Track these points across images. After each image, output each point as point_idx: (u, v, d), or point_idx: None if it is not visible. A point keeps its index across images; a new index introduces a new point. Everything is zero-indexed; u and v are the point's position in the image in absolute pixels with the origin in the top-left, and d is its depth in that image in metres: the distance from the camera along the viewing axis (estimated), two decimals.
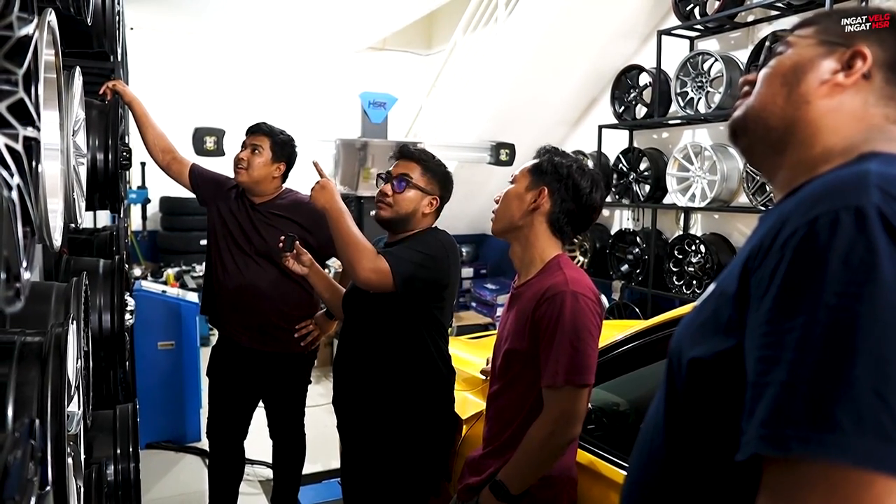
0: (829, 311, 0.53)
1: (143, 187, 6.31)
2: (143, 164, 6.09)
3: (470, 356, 2.44)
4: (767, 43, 3.55)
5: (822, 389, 0.51)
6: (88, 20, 1.39)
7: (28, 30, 0.58)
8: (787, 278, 0.57)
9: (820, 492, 0.50)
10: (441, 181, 1.90)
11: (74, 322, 1.06)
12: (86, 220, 2.95)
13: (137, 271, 4.92)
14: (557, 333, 1.39)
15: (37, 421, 0.69)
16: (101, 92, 2.19)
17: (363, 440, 1.91)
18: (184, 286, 4.70)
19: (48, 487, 0.70)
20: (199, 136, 3.86)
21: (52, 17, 0.92)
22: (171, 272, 5.22)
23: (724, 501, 0.68)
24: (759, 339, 0.58)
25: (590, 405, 1.79)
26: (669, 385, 0.76)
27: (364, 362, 1.87)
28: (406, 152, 1.91)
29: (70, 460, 0.95)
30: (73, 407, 1.06)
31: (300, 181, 2.88)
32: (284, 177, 2.53)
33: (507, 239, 1.60)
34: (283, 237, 2.09)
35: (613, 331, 1.97)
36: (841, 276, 0.54)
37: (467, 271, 6.44)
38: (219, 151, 3.79)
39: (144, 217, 6.55)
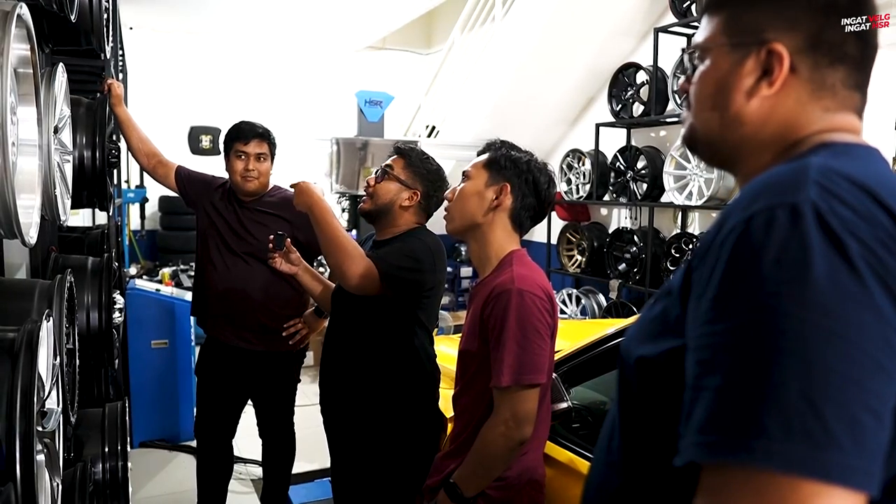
0: (760, 312, 0.52)
1: (141, 186, 6.31)
2: None
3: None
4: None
5: (750, 395, 0.51)
6: (73, 17, 1.38)
7: None
8: (723, 278, 0.56)
9: (748, 497, 0.50)
10: (424, 177, 1.89)
11: (51, 318, 1.05)
12: (84, 218, 2.95)
13: (133, 270, 4.92)
14: (504, 333, 1.36)
15: None
16: (100, 87, 2.21)
17: (348, 437, 1.90)
18: (179, 285, 4.69)
19: (10, 483, 0.69)
20: (194, 134, 3.87)
21: (22, 10, 0.92)
22: (166, 271, 5.22)
23: None
24: (697, 340, 0.58)
25: (574, 403, 1.78)
26: (623, 385, 0.75)
27: (349, 358, 1.87)
28: (397, 148, 1.94)
29: (41, 457, 0.95)
30: (52, 404, 1.06)
31: (291, 180, 2.87)
32: None
33: (464, 237, 1.56)
34: (272, 236, 2.08)
35: (596, 328, 1.96)
36: (773, 277, 0.53)
37: (466, 270, 6.42)
38: (215, 150, 3.79)
39: (143, 216, 6.55)
